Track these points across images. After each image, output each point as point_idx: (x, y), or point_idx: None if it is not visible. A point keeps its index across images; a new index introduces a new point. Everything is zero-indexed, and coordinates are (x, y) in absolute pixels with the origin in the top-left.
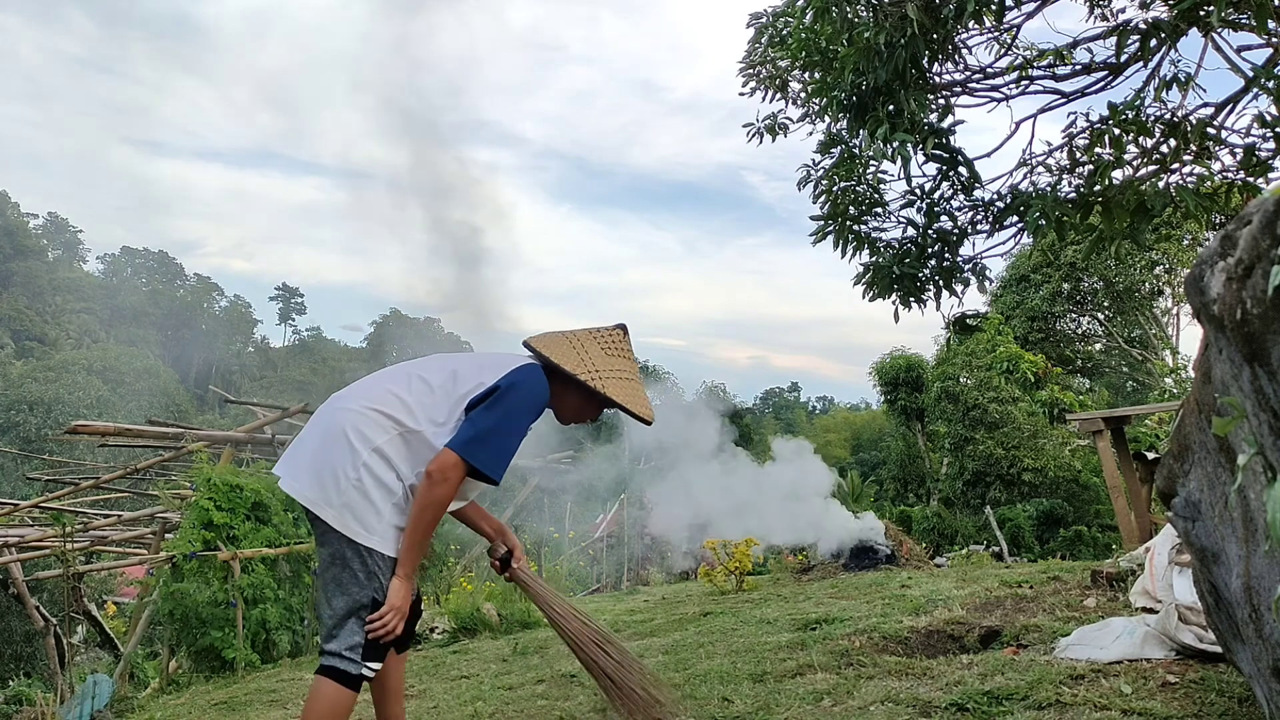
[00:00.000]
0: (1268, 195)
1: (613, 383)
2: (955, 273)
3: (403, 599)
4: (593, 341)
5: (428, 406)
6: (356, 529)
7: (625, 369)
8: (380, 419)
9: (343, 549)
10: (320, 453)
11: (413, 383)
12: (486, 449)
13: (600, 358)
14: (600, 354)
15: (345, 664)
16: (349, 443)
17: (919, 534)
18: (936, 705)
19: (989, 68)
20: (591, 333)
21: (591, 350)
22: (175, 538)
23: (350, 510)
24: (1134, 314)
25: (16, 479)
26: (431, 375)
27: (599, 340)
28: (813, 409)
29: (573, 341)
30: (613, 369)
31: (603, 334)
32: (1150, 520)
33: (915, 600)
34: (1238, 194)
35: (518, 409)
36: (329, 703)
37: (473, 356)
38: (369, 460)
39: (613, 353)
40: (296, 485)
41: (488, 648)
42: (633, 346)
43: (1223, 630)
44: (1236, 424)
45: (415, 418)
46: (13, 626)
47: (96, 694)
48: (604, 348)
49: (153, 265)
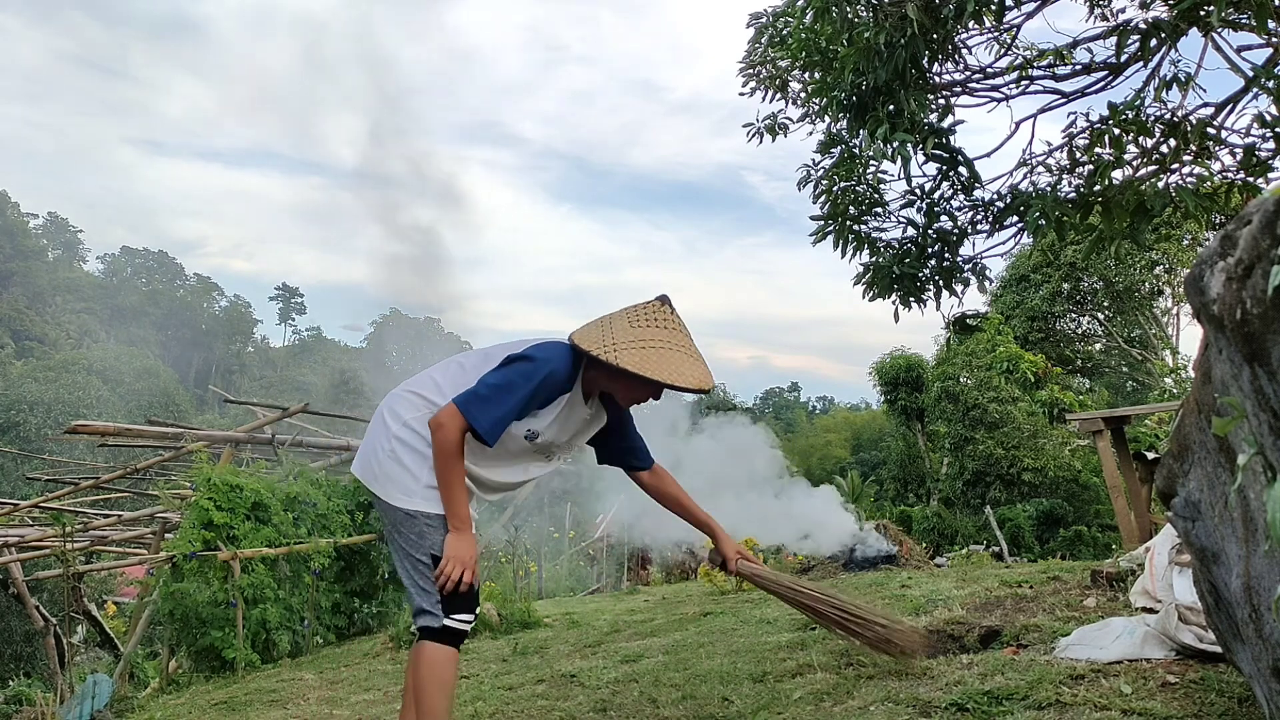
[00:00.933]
0: (1268, 195)
1: (629, 352)
2: (955, 273)
3: (458, 549)
4: (622, 316)
5: (457, 386)
6: (397, 495)
7: (654, 338)
8: (413, 398)
9: (395, 518)
10: (367, 436)
11: (449, 367)
12: (479, 404)
13: (623, 330)
14: (625, 327)
15: (429, 619)
16: (384, 422)
17: (919, 534)
18: (936, 705)
19: (989, 68)
20: (627, 309)
21: (617, 325)
22: (175, 538)
23: (390, 480)
24: (1134, 314)
25: (16, 479)
26: (468, 359)
27: (630, 314)
28: (813, 409)
29: (603, 321)
30: (635, 339)
31: (637, 307)
32: (1150, 520)
33: (915, 600)
34: (1238, 194)
35: (520, 375)
36: (427, 662)
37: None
38: (400, 433)
39: (640, 323)
40: (355, 467)
41: (488, 648)
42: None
43: (1223, 630)
44: (1236, 424)
45: (445, 396)
46: (13, 626)
47: (96, 694)
48: (631, 320)
49: (153, 265)
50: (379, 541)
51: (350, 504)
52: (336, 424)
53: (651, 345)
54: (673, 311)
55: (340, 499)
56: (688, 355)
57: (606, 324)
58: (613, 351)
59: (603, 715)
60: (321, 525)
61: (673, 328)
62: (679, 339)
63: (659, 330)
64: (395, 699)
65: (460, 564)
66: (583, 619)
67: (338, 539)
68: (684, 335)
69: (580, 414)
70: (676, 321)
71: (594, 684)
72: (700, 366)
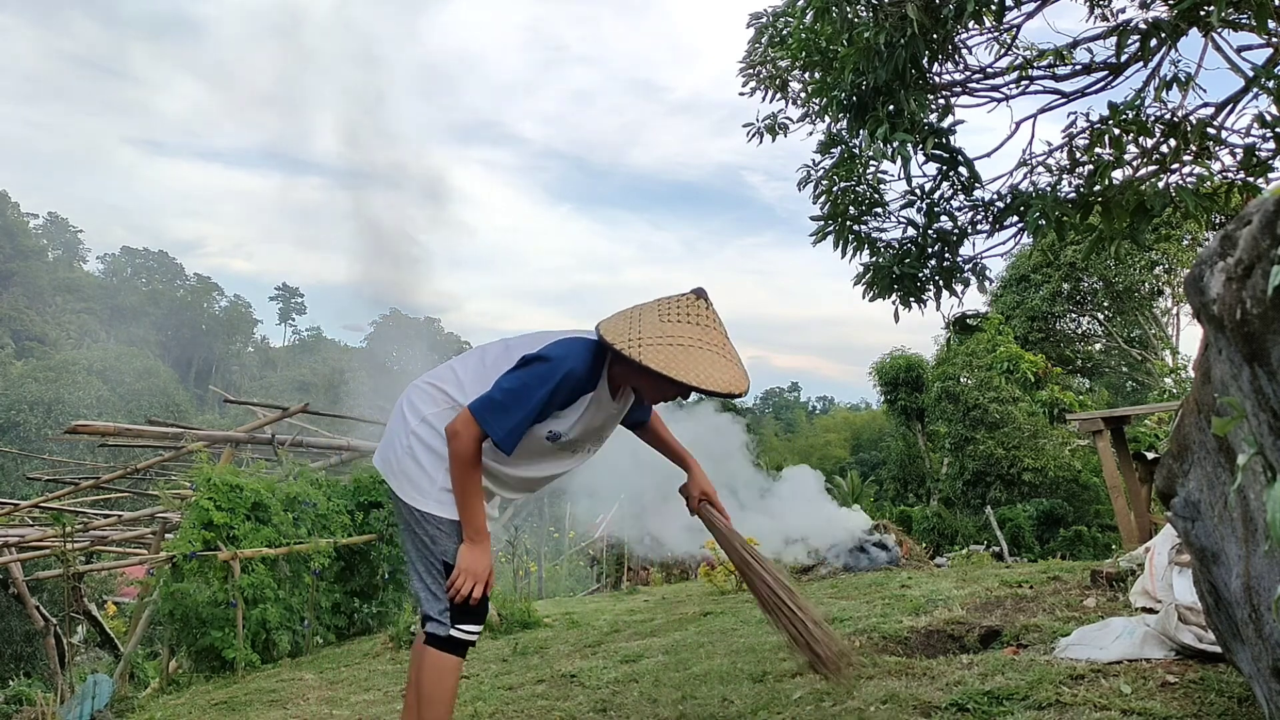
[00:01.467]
0: (1268, 195)
1: (655, 349)
2: (955, 273)
3: (471, 562)
4: (652, 309)
5: (477, 380)
6: (412, 493)
7: (684, 334)
8: (433, 391)
9: (409, 515)
10: (388, 427)
11: (469, 359)
12: (494, 411)
13: (652, 325)
14: (654, 321)
15: (435, 627)
16: (403, 414)
17: (919, 534)
18: (937, 705)
19: (989, 68)
20: (660, 301)
21: (646, 318)
22: (175, 538)
23: (406, 477)
24: (1134, 314)
25: (16, 479)
26: (489, 352)
27: (661, 307)
28: (813, 409)
29: (632, 314)
30: (663, 335)
31: (669, 300)
32: (1150, 520)
33: (915, 600)
34: (1238, 194)
35: (536, 378)
36: (430, 670)
37: (538, 335)
38: (417, 429)
39: (671, 318)
40: (376, 458)
41: (488, 648)
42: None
43: (1222, 630)
44: (1236, 424)
45: (464, 391)
46: (13, 626)
47: (97, 694)
48: (662, 313)
49: (153, 265)
50: (379, 541)
51: (350, 504)
52: (336, 424)
53: (680, 343)
54: (708, 306)
55: (340, 499)
56: (719, 355)
57: (635, 316)
58: (637, 347)
59: (603, 715)
60: (321, 525)
61: (706, 324)
62: (712, 337)
63: (690, 327)
64: (395, 699)
65: (473, 578)
66: (583, 619)
67: (338, 539)
68: (718, 333)
69: (607, 410)
70: (711, 317)
71: (594, 684)
72: (732, 369)
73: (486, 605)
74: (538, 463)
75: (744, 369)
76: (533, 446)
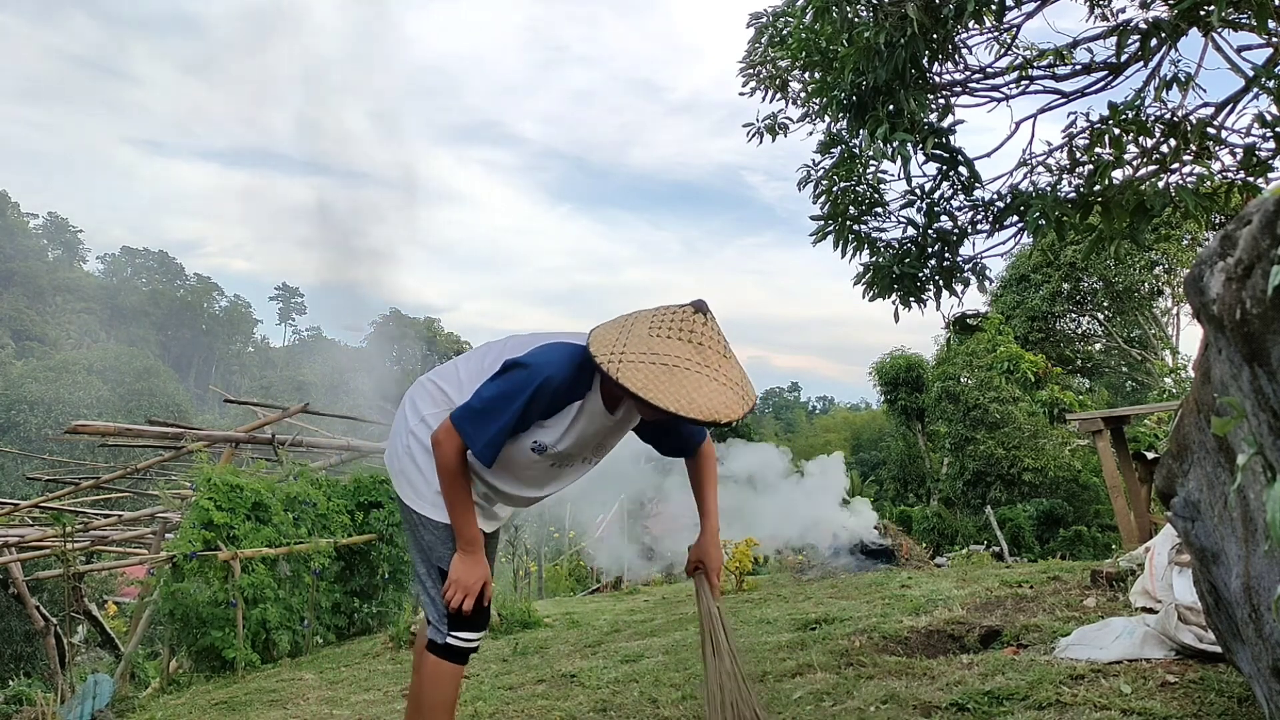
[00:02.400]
0: (1268, 195)
1: (635, 366)
2: (955, 273)
3: (462, 573)
4: (644, 321)
5: (476, 380)
6: (410, 494)
7: (672, 352)
8: (434, 390)
9: (409, 515)
10: (394, 424)
11: (472, 357)
12: (472, 420)
13: (639, 339)
14: (643, 334)
15: (434, 634)
16: (404, 412)
17: (919, 534)
18: (937, 705)
19: (989, 68)
20: (656, 311)
21: (636, 330)
22: (175, 538)
23: (405, 477)
24: (1134, 314)
25: (16, 479)
26: (491, 350)
27: (654, 319)
28: (813, 409)
29: (625, 322)
30: (647, 351)
31: (665, 311)
32: (1150, 520)
33: (915, 600)
34: (1238, 194)
35: (513, 386)
36: (429, 676)
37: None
38: (415, 429)
39: (662, 333)
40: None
41: (488, 648)
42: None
43: (1222, 630)
44: (1236, 424)
45: (463, 391)
46: (13, 626)
47: (97, 694)
48: (654, 327)
49: (153, 265)
50: (379, 541)
51: (350, 504)
52: (336, 424)
53: (665, 362)
54: (706, 322)
55: (340, 499)
56: (710, 378)
57: (626, 326)
58: (618, 363)
59: (603, 715)
60: (321, 525)
61: (700, 342)
62: (705, 357)
63: (681, 344)
64: (395, 699)
65: (464, 590)
66: (583, 619)
67: (338, 539)
68: (714, 352)
69: (602, 422)
70: (708, 334)
71: (594, 684)
72: (724, 393)
73: (486, 613)
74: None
75: (741, 392)
76: (519, 458)
